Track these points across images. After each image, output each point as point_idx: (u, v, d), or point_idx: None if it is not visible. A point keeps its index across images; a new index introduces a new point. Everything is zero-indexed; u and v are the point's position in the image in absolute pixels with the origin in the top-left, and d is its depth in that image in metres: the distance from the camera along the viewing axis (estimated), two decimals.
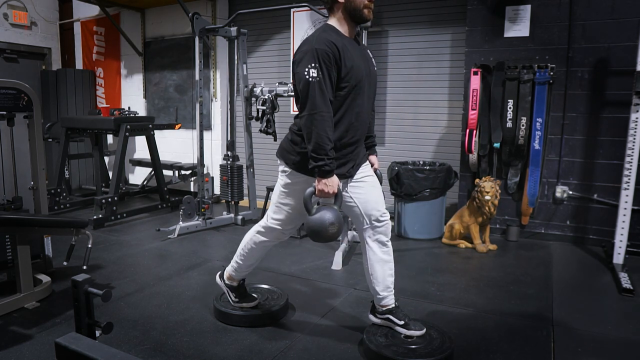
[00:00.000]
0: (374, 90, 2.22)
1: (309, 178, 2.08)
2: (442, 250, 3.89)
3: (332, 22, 2.10)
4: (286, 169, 2.18)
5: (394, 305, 2.29)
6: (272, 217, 2.31)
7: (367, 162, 2.31)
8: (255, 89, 4.33)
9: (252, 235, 2.43)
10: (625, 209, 3.31)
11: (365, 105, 2.12)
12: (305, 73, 1.94)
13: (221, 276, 2.61)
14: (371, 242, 2.23)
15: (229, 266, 2.58)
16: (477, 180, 3.89)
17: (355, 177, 2.19)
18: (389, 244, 2.27)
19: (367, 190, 2.21)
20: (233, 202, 4.62)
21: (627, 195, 3.30)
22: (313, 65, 1.93)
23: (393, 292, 2.29)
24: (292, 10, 4.98)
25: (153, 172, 5.42)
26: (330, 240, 2.07)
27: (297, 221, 2.32)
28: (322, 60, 1.93)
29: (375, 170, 2.35)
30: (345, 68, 1.98)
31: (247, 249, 2.44)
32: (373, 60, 2.23)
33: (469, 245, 3.91)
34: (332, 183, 1.99)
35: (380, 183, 2.32)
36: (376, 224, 2.20)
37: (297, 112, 2.13)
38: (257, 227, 2.40)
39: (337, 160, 2.06)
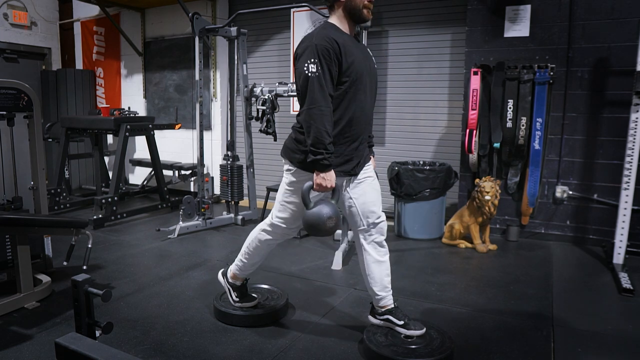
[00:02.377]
0: (375, 88, 2.23)
1: (313, 176, 2.09)
2: (442, 250, 3.89)
3: (333, 20, 2.13)
4: (291, 167, 2.18)
5: (393, 306, 2.29)
6: (277, 216, 2.32)
7: (370, 162, 2.31)
8: (255, 89, 4.33)
9: (257, 233, 2.43)
10: (625, 209, 3.31)
11: (367, 101, 2.13)
12: (305, 68, 1.95)
13: (224, 274, 2.61)
14: (367, 243, 2.23)
15: (232, 265, 2.58)
16: (477, 180, 3.89)
17: (358, 176, 2.20)
18: (385, 244, 2.27)
19: (366, 191, 2.21)
20: (233, 202, 4.62)
21: (627, 195, 3.30)
22: (312, 60, 1.95)
23: (391, 291, 2.29)
24: (292, 10, 4.98)
25: (153, 172, 5.41)
26: (328, 234, 2.08)
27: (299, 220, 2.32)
28: (321, 55, 1.95)
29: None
30: (346, 63, 2.00)
31: (252, 247, 2.45)
32: (373, 58, 2.25)
33: (469, 245, 3.91)
34: (330, 177, 2.00)
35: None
36: (372, 225, 2.21)
37: (298, 111, 2.13)
38: (262, 225, 2.41)
39: (342, 156, 2.08)
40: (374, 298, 2.30)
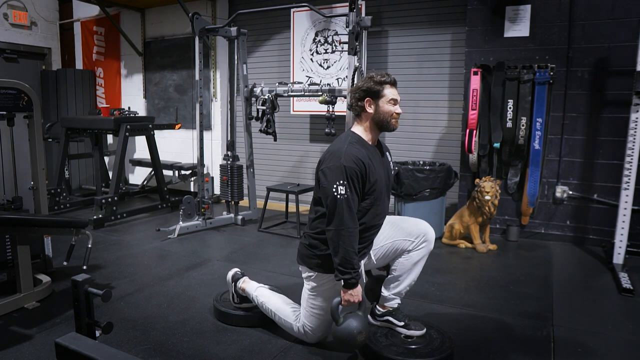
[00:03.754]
0: (390, 188, 2.31)
1: (334, 276, 2.10)
2: (442, 250, 3.89)
3: (358, 130, 2.17)
4: (311, 273, 2.19)
5: (394, 307, 2.29)
6: (306, 324, 2.25)
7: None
8: (255, 89, 4.33)
9: (296, 324, 2.28)
10: (625, 209, 3.31)
11: (384, 208, 2.20)
12: (334, 190, 1.99)
13: (235, 279, 2.55)
14: (422, 247, 2.21)
15: (251, 284, 2.49)
16: (477, 180, 3.89)
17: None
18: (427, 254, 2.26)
19: (387, 223, 2.23)
20: (233, 202, 4.62)
21: (627, 195, 3.30)
22: (341, 182, 1.98)
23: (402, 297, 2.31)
24: (292, 10, 4.98)
25: (153, 172, 5.42)
26: (359, 348, 2.13)
27: (330, 327, 2.22)
28: (350, 178, 1.99)
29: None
30: (369, 183, 2.06)
31: (275, 319, 2.36)
32: (391, 164, 2.31)
33: (469, 245, 3.91)
34: (357, 292, 2.05)
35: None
36: (424, 237, 2.19)
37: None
38: (301, 321, 2.26)
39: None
40: (384, 297, 2.29)
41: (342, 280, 2.02)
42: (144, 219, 4.84)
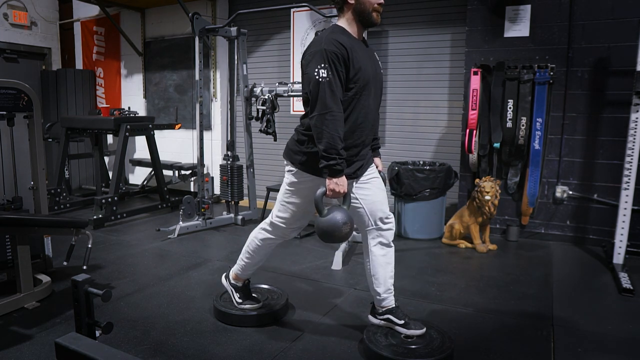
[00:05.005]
0: (380, 92, 2.23)
1: (315, 178, 2.09)
2: (442, 250, 3.89)
3: (341, 22, 2.12)
4: (292, 168, 2.18)
5: (393, 306, 2.29)
6: (277, 215, 2.32)
7: (373, 163, 2.31)
8: (255, 89, 4.33)
9: (257, 233, 2.44)
10: (625, 209, 3.31)
11: (371, 106, 2.12)
12: (315, 73, 1.94)
13: (226, 277, 2.61)
14: (374, 244, 2.23)
15: (234, 266, 2.58)
16: (477, 180, 3.89)
17: (362, 178, 2.19)
18: (392, 246, 2.27)
19: (373, 192, 2.21)
20: (233, 202, 4.62)
21: (627, 195, 3.30)
22: (323, 65, 1.94)
23: (393, 292, 2.30)
24: (292, 10, 4.98)
25: (153, 172, 5.41)
26: (343, 240, 2.07)
27: (302, 220, 2.33)
28: (331, 60, 1.94)
29: (379, 173, 2.35)
30: (354, 69, 1.99)
31: (252, 247, 2.45)
32: (379, 62, 2.25)
33: (469, 245, 3.91)
34: (343, 182, 2.00)
35: (385, 185, 2.33)
36: (381, 225, 2.21)
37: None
38: (262, 224, 2.42)
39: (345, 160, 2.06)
40: (376, 298, 2.30)
41: (327, 168, 1.96)
42: (144, 219, 4.84)
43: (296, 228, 2.36)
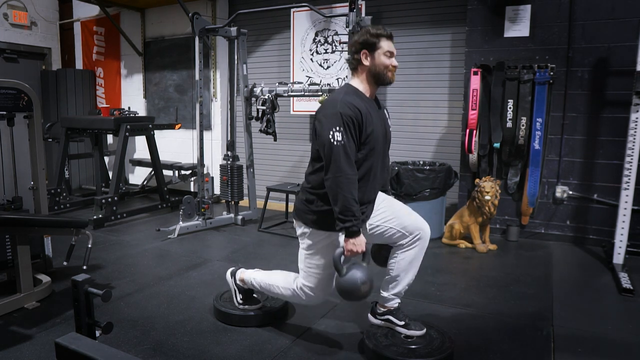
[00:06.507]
0: (388, 147, 2.25)
1: (331, 233, 2.08)
2: (442, 250, 3.89)
3: (355, 83, 2.13)
4: (306, 230, 2.16)
5: (395, 307, 2.29)
6: (304, 284, 2.25)
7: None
8: (255, 89, 4.33)
9: (294, 286, 2.29)
10: (625, 209, 3.31)
11: (379, 164, 2.14)
12: (331, 136, 1.95)
13: (233, 274, 2.58)
14: (414, 246, 2.19)
15: (248, 273, 2.51)
16: (477, 180, 3.89)
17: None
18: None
19: (389, 206, 2.20)
20: (233, 202, 4.62)
21: (627, 195, 3.30)
22: (338, 129, 1.95)
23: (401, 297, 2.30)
24: (292, 10, 4.98)
25: (153, 172, 5.41)
26: (363, 299, 2.08)
27: (329, 285, 2.23)
28: (346, 124, 1.96)
29: None
30: (365, 133, 2.01)
31: (276, 292, 2.36)
32: (389, 121, 2.26)
33: (469, 245, 3.91)
34: (360, 242, 2.00)
35: None
36: (419, 233, 2.18)
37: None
38: (299, 281, 2.27)
39: None
40: (384, 297, 2.28)
41: (344, 230, 1.97)
42: (144, 219, 4.84)
43: (322, 296, 2.27)
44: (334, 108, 1.98)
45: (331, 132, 1.95)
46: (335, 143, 1.94)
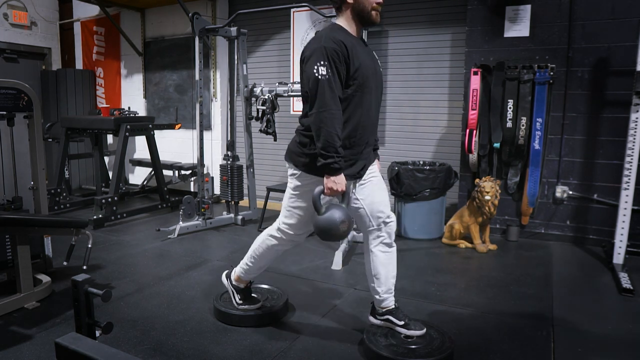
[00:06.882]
0: (380, 92, 2.22)
1: (319, 179, 2.06)
2: (442, 250, 3.89)
3: (340, 21, 2.11)
4: (295, 171, 2.15)
5: (394, 306, 2.29)
6: (283, 222, 2.28)
7: (374, 163, 2.30)
8: (255, 89, 4.33)
9: (264, 239, 2.39)
10: (625, 209, 3.31)
11: (373, 104, 2.11)
12: (315, 71, 1.93)
13: (227, 276, 2.59)
14: (376, 244, 2.22)
15: (237, 267, 2.55)
16: (477, 180, 3.89)
17: (363, 177, 2.18)
18: (394, 245, 2.26)
19: (373, 192, 2.19)
20: (233, 202, 4.62)
21: (627, 195, 3.30)
22: (322, 63, 1.93)
23: (393, 293, 2.29)
24: (292, 10, 4.98)
25: (153, 172, 5.41)
26: (341, 238, 2.06)
27: (309, 225, 2.27)
28: (331, 58, 1.93)
29: None
30: (353, 66, 1.98)
31: (259, 252, 2.41)
32: (379, 61, 2.24)
33: (469, 245, 3.91)
34: (341, 181, 1.98)
35: None
36: (382, 225, 2.19)
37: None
38: (269, 230, 2.37)
39: (347, 160, 2.05)
40: (376, 299, 2.30)
41: (325, 166, 1.95)
42: (144, 219, 4.84)
43: (303, 234, 2.32)
44: (318, 43, 1.97)
45: (315, 67, 1.93)
46: (320, 77, 1.92)
